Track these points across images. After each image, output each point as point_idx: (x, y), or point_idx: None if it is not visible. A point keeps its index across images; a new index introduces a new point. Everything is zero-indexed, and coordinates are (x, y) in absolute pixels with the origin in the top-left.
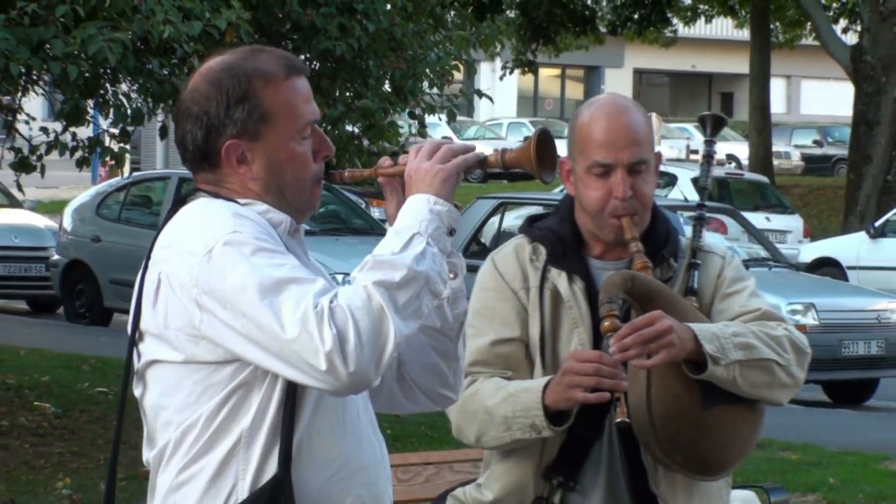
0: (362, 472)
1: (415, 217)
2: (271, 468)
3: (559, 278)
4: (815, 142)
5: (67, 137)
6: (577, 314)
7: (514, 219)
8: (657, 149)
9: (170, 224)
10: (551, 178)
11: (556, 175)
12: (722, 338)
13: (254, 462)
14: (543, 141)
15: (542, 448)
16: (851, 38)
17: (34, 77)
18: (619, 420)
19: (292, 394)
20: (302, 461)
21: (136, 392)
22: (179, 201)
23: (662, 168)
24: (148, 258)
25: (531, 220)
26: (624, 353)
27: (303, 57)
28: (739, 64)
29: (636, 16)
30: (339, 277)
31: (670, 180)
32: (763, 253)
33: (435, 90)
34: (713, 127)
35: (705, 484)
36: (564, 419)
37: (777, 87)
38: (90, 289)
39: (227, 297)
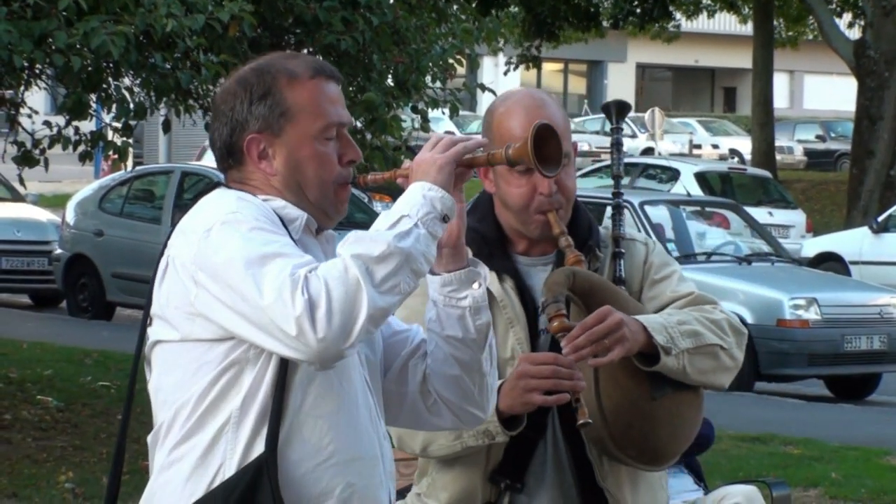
0: (356, 462)
1: (407, 202)
2: (259, 449)
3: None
4: (818, 137)
5: (70, 131)
6: (512, 313)
7: None
8: (650, 144)
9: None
10: (555, 173)
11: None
12: (669, 327)
13: (242, 442)
14: (544, 134)
15: (488, 452)
16: (854, 33)
17: (37, 71)
18: (581, 422)
19: (283, 376)
20: (292, 444)
21: (147, 375)
22: (200, 193)
23: (664, 163)
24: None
25: None
26: (578, 353)
27: (306, 51)
28: (742, 59)
29: (639, 10)
30: None
31: (673, 175)
32: (766, 248)
33: (438, 84)
34: (617, 114)
35: (648, 474)
36: (517, 423)
37: (780, 82)
38: (93, 283)
39: (218, 271)
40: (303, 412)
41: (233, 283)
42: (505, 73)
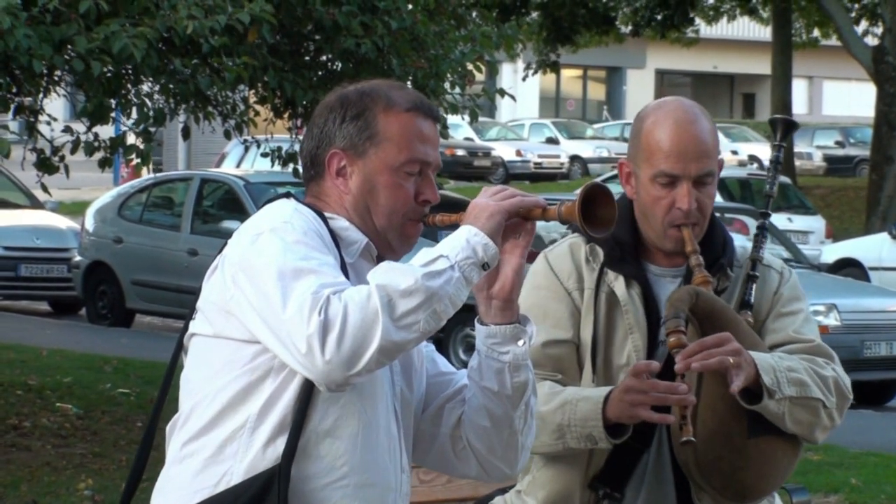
0: (367, 489)
1: (449, 243)
2: (270, 458)
3: (616, 281)
4: (837, 142)
5: (90, 137)
6: (633, 319)
7: None
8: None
9: None
10: (604, 234)
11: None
12: (778, 371)
13: (254, 449)
14: (594, 195)
15: (590, 457)
16: (872, 40)
17: (56, 78)
18: (684, 439)
19: (308, 390)
20: (306, 460)
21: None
22: (266, 202)
23: None
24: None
25: None
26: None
27: (325, 57)
28: (761, 65)
29: (659, 17)
30: None
31: None
32: (785, 254)
33: (457, 90)
34: (783, 131)
35: None
36: (623, 432)
37: (799, 88)
38: (112, 290)
39: (254, 275)
40: (322, 430)
41: (263, 290)
42: (524, 79)
